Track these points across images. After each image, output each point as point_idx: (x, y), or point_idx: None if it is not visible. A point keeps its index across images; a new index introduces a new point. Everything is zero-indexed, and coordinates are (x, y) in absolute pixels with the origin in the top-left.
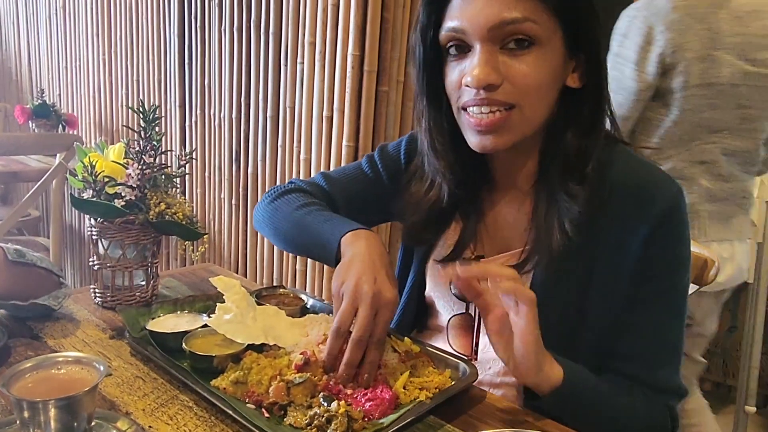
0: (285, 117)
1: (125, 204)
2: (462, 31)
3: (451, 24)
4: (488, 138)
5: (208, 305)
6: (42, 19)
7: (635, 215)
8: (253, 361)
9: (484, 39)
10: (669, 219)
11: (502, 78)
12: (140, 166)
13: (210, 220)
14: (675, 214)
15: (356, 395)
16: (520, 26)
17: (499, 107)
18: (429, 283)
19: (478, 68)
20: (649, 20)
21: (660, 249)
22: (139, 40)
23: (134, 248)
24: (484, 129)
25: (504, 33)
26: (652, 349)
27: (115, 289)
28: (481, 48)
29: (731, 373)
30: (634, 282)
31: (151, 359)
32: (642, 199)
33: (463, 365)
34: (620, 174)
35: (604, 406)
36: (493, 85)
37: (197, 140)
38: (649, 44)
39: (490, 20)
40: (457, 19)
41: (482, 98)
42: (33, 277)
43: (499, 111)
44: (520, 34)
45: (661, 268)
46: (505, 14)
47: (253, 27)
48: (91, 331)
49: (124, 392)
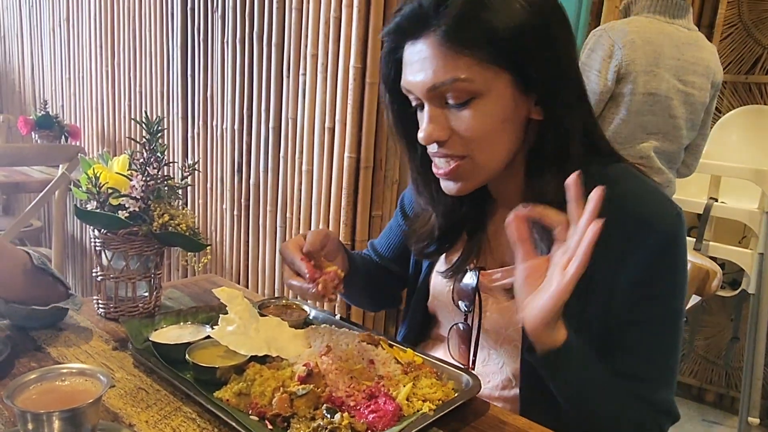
0: (287, 128)
1: (129, 215)
2: (410, 91)
3: (402, 83)
4: (452, 184)
5: (211, 316)
6: (45, 30)
7: (636, 239)
8: (256, 373)
9: (427, 99)
10: (669, 247)
11: (449, 132)
12: (144, 177)
13: (212, 231)
14: (674, 241)
15: (359, 407)
16: (453, 86)
17: (452, 158)
18: (432, 294)
19: (425, 127)
20: (611, 38)
21: (659, 274)
22: (142, 51)
23: (137, 259)
24: (446, 177)
25: (440, 93)
26: (649, 370)
27: (118, 300)
28: (427, 107)
29: (734, 385)
30: (632, 304)
31: (154, 371)
32: (644, 224)
33: (466, 377)
34: (622, 195)
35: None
36: (441, 140)
37: (200, 151)
38: (610, 57)
39: (425, 84)
40: (407, 76)
41: (436, 151)
42: (50, 285)
43: (453, 161)
44: (455, 92)
45: (660, 291)
46: (436, 78)
47: (255, 39)
48: (95, 342)
49: (128, 404)
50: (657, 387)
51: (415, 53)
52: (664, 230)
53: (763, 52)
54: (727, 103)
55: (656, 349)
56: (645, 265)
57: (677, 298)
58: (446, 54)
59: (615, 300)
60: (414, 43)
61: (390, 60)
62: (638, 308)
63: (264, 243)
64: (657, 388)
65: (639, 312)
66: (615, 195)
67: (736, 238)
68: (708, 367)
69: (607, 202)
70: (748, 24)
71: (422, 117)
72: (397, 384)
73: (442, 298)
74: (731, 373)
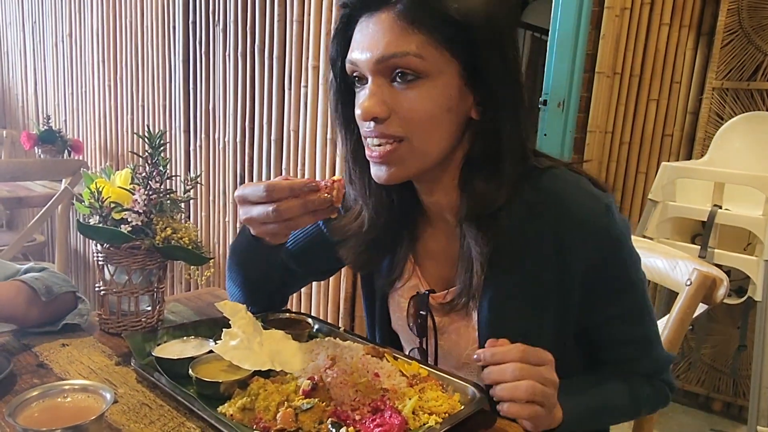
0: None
1: (131, 229)
2: (356, 64)
3: (349, 56)
4: (383, 169)
5: (214, 330)
6: (48, 46)
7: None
8: (260, 387)
9: (373, 72)
10: (608, 241)
11: (390, 111)
12: (146, 191)
13: (215, 244)
14: (609, 234)
15: (365, 421)
16: (403, 60)
17: (388, 140)
18: (392, 317)
19: (365, 101)
20: None
21: (611, 270)
22: (144, 66)
23: (140, 273)
24: (378, 160)
25: (389, 67)
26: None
27: (120, 315)
28: (371, 81)
29: (741, 393)
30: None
31: (157, 386)
32: (577, 227)
33: (472, 389)
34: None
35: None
36: (380, 117)
37: (202, 164)
38: None
39: (375, 54)
40: (352, 52)
41: (372, 130)
42: (60, 303)
43: (389, 143)
44: (405, 68)
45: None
46: (388, 50)
47: (257, 52)
48: (97, 357)
49: (131, 420)
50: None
51: (370, 25)
52: (597, 228)
53: (764, 59)
54: (729, 110)
55: (638, 327)
56: (593, 267)
57: (634, 275)
58: (402, 28)
59: (572, 304)
60: (371, 15)
61: (342, 37)
62: (605, 306)
63: None
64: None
65: (607, 309)
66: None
67: (741, 245)
68: (715, 375)
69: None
70: (748, 31)
71: (363, 94)
72: (403, 397)
73: (400, 321)
74: (739, 381)
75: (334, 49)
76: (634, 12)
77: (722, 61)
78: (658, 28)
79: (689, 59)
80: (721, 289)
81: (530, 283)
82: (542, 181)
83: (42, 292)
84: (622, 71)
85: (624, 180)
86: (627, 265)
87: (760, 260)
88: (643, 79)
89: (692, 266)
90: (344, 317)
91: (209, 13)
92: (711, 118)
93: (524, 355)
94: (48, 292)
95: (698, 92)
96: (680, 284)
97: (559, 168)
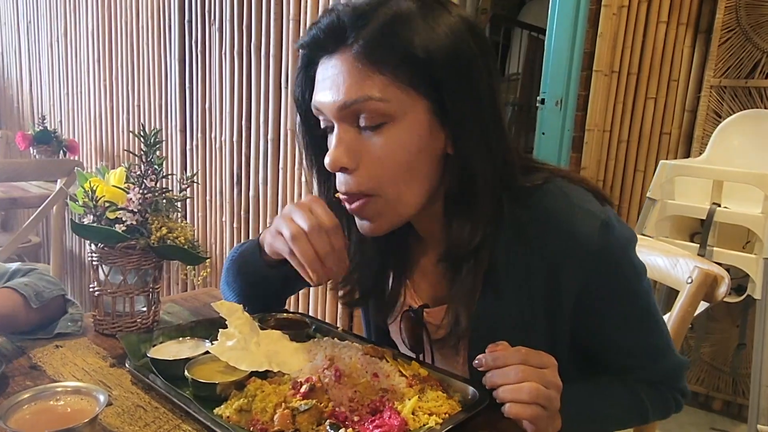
0: (286, 139)
1: (126, 229)
2: (320, 110)
3: (313, 101)
4: (365, 223)
5: (210, 331)
6: (43, 45)
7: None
8: (257, 389)
9: (337, 119)
10: (603, 257)
11: (358, 161)
12: (141, 190)
13: (212, 244)
14: (606, 250)
15: (364, 422)
16: (366, 105)
17: (359, 196)
18: (390, 331)
19: (332, 150)
20: None
21: (607, 284)
22: (140, 65)
23: (135, 273)
24: (356, 213)
25: (353, 112)
26: (644, 355)
27: (116, 316)
28: (337, 127)
29: (741, 391)
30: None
31: (152, 387)
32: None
33: (472, 389)
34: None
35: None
36: (349, 168)
37: (198, 164)
38: None
39: (337, 101)
40: (316, 96)
41: (342, 183)
42: (50, 308)
43: (360, 198)
44: (368, 113)
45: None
46: (349, 95)
47: (253, 50)
48: (91, 359)
49: (125, 422)
50: (657, 365)
51: (329, 68)
52: (592, 249)
53: (762, 56)
54: (728, 108)
55: (642, 336)
56: (588, 287)
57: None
58: (361, 71)
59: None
60: (329, 58)
61: (304, 77)
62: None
63: None
64: (658, 366)
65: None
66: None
67: (740, 243)
68: (715, 374)
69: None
70: (746, 28)
71: (330, 141)
72: (402, 397)
73: (397, 338)
74: (738, 380)
75: (298, 90)
76: (631, 10)
77: (720, 58)
78: (656, 25)
79: (687, 57)
80: (723, 287)
81: (520, 307)
82: (533, 200)
83: (32, 299)
84: (620, 69)
85: (622, 178)
86: (628, 278)
87: (759, 258)
88: (641, 78)
89: (693, 264)
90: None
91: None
92: (709, 116)
93: (527, 357)
94: (38, 297)
95: (696, 90)
96: (681, 282)
97: (554, 182)
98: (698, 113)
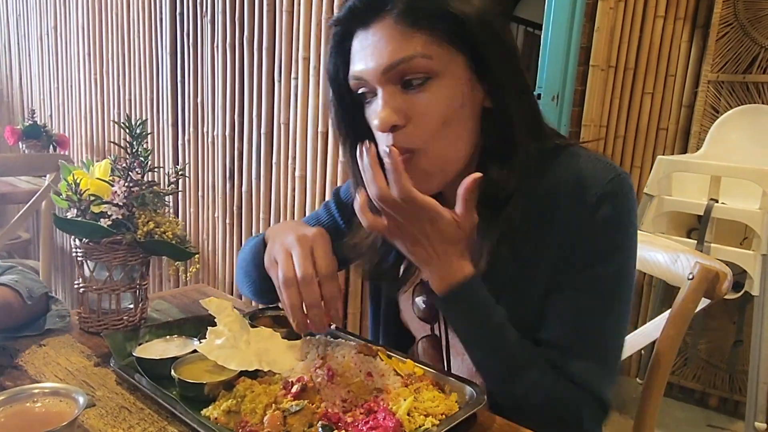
0: (279, 133)
1: (112, 223)
2: (362, 78)
3: (352, 72)
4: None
5: (199, 329)
6: (33, 39)
7: (566, 202)
8: (246, 389)
9: (381, 82)
10: (600, 204)
11: (406, 119)
12: (127, 183)
13: (204, 240)
14: (609, 199)
15: (357, 424)
16: (412, 64)
17: (404, 153)
18: (402, 307)
19: (381, 111)
20: None
21: (590, 234)
22: (131, 58)
23: (121, 270)
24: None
25: (398, 73)
26: (569, 338)
27: (101, 313)
28: (382, 91)
29: (738, 388)
30: (562, 267)
31: (137, 388)
32: (576, 185)
33: (470, 389)
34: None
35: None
36: (398, 125)
37: (190, 158)
38: None
39: (381, 64)
40: (356, 66)
41: (393, 145)
42: (38, 305)
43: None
44: (414, 72)
45: (591, 254)
46: (393, 57)
47: (246, 43)
48: (75, 358)
49: (108, 424)
50: (574, 357)
51: (369, 37)
52: (597, 188)
53: (760, 51)
54: (725, 103)
55: (580, 315)
56: (573, 226)
57: (613, 261)
58: (402, 33)
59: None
60: (366, 28)
61: (338, 52)
62: (567, 272)
63: None
64: (573, 358)
65: (562, 277)
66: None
67: (737, 239)
68: (711, 371)
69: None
70: (744, 23)
71: (374, 107)
72: (397, 398)
73: (409, 313)
74: (735, 376)
75: (332, 67)
76: (628, 4)
77: (718, 53)
78: (653, 20)
79: (684, 52)
80: (725, 283)
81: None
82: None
83: (25, 294)
84: (616, 64)
85: None
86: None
87: (757, 254)
88: (638, 72)
89: (694, 260)
90: None
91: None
92: (706, 111)
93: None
94: (30, 294)
95: (693, 85)
96: (682, 278)
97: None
98: (695, 108)
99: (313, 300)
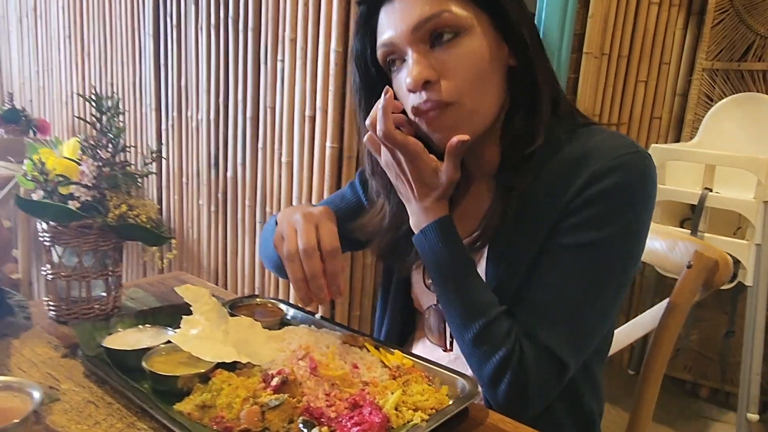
0: (265, 118)
1: (81, 206)
2: (392, 43)
3: (380, 42)
4: (442, 136)
5: (174, 318)
6: (12, 21)
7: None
8: (223, 382)
9: (412, 42)
10: (604, 175)
11: (438, 75)
12: (96, 162)
13: (188, 228)
14: (615, 171)
15: (341, 419)
16: (441, 19)
17: (441, 107)
18: (413, 281)
19: (412, 69)
20: None
21: (586, 201)
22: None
23: (92, 255)
24: (435, 128)
25: (427, 30)
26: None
27: (70, 302)
28: (412, 51)
29: (729, 379)
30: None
31: (106, 381)
32: (582, 160)
33: (461, 381)
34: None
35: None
36: (430, 81)
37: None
38: None
39: (410, 23)
40: (385, 34)
41: (424, 101)
42: None
43: (441, 110)
44: (443, 27)
45: (584, 220)
46: (423, 14)
47: (230, 24)
48: (41, 349)
49: (72, 420)
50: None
51: (396, 5)
52: (604, 160)
53: (755, 39)
54: (719, 91)
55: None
56: (572, 194)
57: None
58: None
59: None
60: (392, 1)
61: (365, 31)
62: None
63: (243, 240)
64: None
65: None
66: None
67: (731, 229)
68: (702, 361)
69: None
70: (740, 10)
71: (404, 69)
72: (385, 391)
73: (420, 285)
74: (726, 367)
75: (359, 45)
76: None
77: (713, 41)
78: (648, 7)
79: (679, 39)
80: (726, 272)
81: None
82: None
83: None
84: (610, 52)
85: None
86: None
87: (750, 244)
88: (632, 60)
89: (693, 248)
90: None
91: None
92: (700, 99)
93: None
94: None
95: (687, 73)
96: (680, 266)
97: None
98: (689, 97)
99: (314, 271)
